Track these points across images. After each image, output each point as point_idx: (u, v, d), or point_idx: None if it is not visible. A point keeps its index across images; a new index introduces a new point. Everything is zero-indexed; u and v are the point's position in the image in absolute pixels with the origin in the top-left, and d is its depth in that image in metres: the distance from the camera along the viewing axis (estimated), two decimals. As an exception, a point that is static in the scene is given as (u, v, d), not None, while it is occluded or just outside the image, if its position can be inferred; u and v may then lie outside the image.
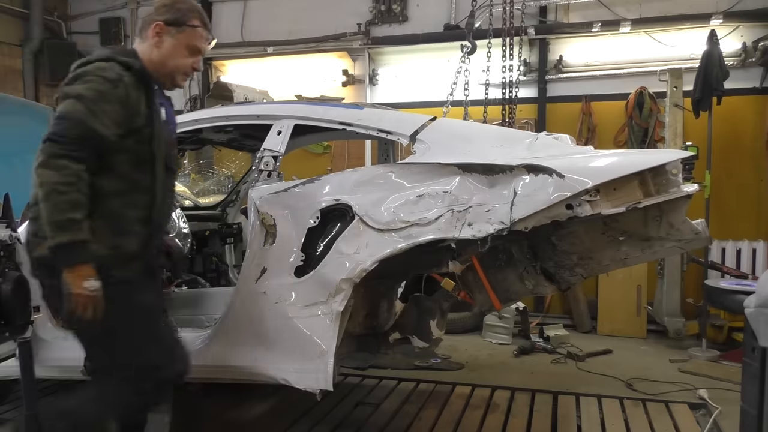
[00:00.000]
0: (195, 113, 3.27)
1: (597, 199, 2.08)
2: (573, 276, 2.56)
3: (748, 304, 1.40)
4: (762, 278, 1.42)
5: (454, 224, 2.31)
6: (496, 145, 2.52)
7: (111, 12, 8.06)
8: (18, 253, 2.90)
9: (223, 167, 6.85)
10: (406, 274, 2.80)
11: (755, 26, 5.67)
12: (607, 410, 3.59)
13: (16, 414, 3.52)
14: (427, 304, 2.79)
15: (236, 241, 4.57)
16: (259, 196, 2.68)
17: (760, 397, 1.37)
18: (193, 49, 2.25)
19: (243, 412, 3.59)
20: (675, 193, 2.14)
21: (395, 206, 2.43)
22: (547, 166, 2.16)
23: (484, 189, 2.33)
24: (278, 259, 2.59)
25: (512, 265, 2.57)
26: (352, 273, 2.41)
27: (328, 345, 2.45)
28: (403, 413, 3.56)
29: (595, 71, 6.16)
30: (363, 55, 6.87)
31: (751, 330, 1.41)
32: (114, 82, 2.07)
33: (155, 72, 2.22)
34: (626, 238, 2.33)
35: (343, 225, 2.48)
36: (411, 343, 2.87)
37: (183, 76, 2.30)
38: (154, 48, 2.22)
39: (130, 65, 2.13)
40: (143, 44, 2.24)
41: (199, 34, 2.26)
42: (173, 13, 2.22)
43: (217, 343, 2.73)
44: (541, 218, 2.17)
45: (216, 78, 7.52)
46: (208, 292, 3.89)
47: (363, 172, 2.62)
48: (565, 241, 2.44)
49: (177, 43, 2.22)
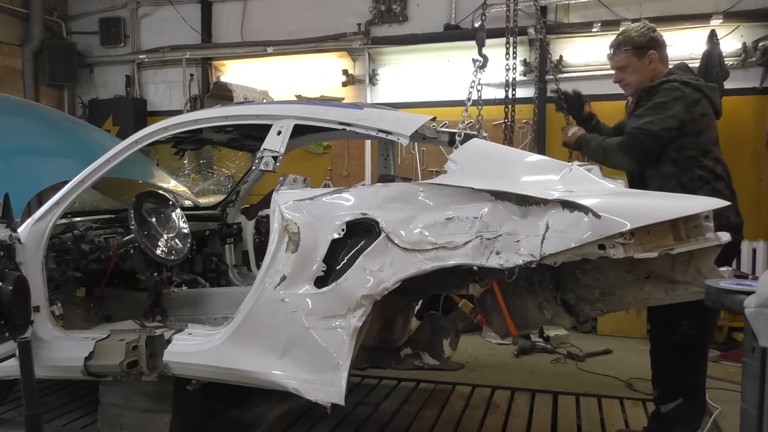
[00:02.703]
0: (195, 113, 3.27)
1: (631, 242, 2.03)
2: (593, 310, 2.51)
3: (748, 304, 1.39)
4: (762, 278, 1.42)
5: (482, 251, 2.27)
6: (530, 172, 2.48)
7: (111, 12, 8.07)
8: (18, 253, 2.90)
9: (223, 167, 6.85)
10: (425, 292, 2.75)
11: (755, 26, 5.67)
12: (607, 410, 3.59)
13: (16, 414, 3.52)
14: (443, 323, 2.76)
15: (236, 241, 4.57)
16: (285, 201, 2.64)
17: (760, 397, 1.37)
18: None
19: (243, 412, 3.59)
20: (707, 242, 2.10)
21: (423, 226, 2.39)
22: (584, 204, 2.11)
23: (515, 219, 2.28)
24: (299, 267, 2.55)
25: (532, 293, 2.52)
26: (373, 290, 2.38)
27: (344, 359, 2.42)
28: (403, 413, 3.56)
29: (595, 71, 6.16)
30: (363, 55, 6.87)
31: (751, 330, 1.40)
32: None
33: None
34: (651, 279, 2.30)
35: (369, 240, 2.44)
36: (422, 359, 2.83)
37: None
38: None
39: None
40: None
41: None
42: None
43: (228, 345, 2.70)
44: (572, 255, 2.13)
45: (216, 78, 7.52)
46: (208, 292, 3.89)
47: (392, 188, 2.58)
48: (589, 275, 2.41)
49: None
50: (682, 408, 2.88)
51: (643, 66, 2.97)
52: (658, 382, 3.01)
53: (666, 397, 2.94)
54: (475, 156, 2.62)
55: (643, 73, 2.97)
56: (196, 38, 7.61)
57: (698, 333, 2.82)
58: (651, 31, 2.98)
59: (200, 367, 2.78)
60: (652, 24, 3.06)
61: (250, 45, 7.29)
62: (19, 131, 4.66)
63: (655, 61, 2.95)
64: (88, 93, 8.18)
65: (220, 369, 2.73)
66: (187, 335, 2.88)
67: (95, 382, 3.08)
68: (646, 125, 2.78)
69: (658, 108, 2.79)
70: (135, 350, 2.80)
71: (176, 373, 2.84)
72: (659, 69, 2.97)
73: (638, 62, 2.97)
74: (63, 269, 3.32)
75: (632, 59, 2.98)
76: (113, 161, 3.10)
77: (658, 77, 2.93)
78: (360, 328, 2.41)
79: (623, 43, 3.00)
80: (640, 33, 2.97)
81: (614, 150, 2.87)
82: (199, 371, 2.81)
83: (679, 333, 2.78)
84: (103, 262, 3.50)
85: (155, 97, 7.97)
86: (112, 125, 7.58)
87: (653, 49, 2.95)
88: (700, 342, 2.88)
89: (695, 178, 2.79)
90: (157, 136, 3.14)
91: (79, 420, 3.51)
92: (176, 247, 3.62)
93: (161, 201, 3.74)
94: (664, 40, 3.02)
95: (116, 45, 8.04)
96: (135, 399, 3.03)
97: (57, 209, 3.07)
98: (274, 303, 2.58)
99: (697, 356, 2.91)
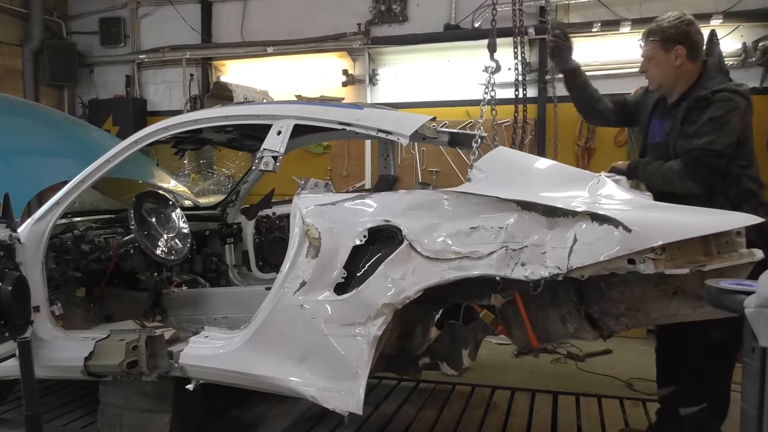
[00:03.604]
0: (195, 113, 3.27)
1: (662, 258, 1.98)
2: (618, 325, 2.47)
3: (748, 304, 1.39)
4: (762, 278, 1.42)
5: (506, 262, 2.23)
6: (557, 183, 2.44)
7: (111, 12, 8.06)
8: (18, 253, 2.90)
9: (223, 167, 6.85)
10: (446, 301, 2.71)
11: (755, 26, 5.67)
12: (607, 410, 3.59)
13: (16, 414, 3.52)
14: (463, 333, 2.71)
15: (236, 241, 4.57)
16: (306, 205, 2.59)
17: (760, 397, 1.37)
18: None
19: (243, 412, 3.59)
20: (740, 258, 2.06)
21: (447, 235, 2.35)
22: (614, 218, 2.06)
23: (542, 230, 2.23)
24: (319, 273, 2.51)
25: (556, 305, 2.48)
26: (395, 299, 2.35)
27: (363, 368, 2.39)
28: (403, 413, 3.56)
29: (595, 71, 6.15)
30: (363, 55, 6.87)
31: (751, 330, 1.40)
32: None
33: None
34: (679, 295, 2.26)
35: (391, 248, 2.40)
36: (439, 369, 2.78)
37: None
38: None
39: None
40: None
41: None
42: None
43: (246, 350, 2.67)
44: (600, 269, 2.09)
45: (216, 78, 7.52)
46: (208, 292, 3.89)
47: (416, 195, 2.54)
48: (615, 289, 2.37)
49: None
50: (704, 413, 2.73)
51: (668, 61, 2.71)
52: (672, 382, 2.89)
53: (689, 400, 2.78)
54: (500, 164, 2.58)
55: (667, 69, 2.73)
56: (196, 38, 7.61)
57: (731, 336, 2.71)
58: (685, 24, 2.70)
59: (217, 371, 2.75)
60: (690, 17, 2.74)
61: (250, 45, 7.29)
62: (19, 131, 4.66)
63: (681, 57, 2.69)
64: (88, 93, 8.18)
65: (236, 373, 2.70)
66: (203, 338, 2.85)
67: (95, 382, 3.08)
68: (709, 145, 2.55)
69: (715, 123, 2.57)
70: (135, 350, 2.80)
71: (192, 376, 2.82)
72: (688, 68, 2.72)
73: (663, 56, 2.71)
74: (63, 269, 3.32)
75: (658, 51, 2.72)
76: (113, 161, 3.10)
77: (688, 77, 2.73)
78: (380, 336, 2.38)
79: (652, 31, 2.75)
80: (672, 24, 2.70)
81: (677, 176, 2.63)
82: (215, 375, 2.78)
83: (713, 335, 2.59)
84: (103, 262, 3.50)
85: (155, 97, 7.97)
86: (112, 125, 7.58)
87: (681, 44, 2.68)
88: (732, 346, 2.65)
89: (743, 191, 2.63)
90: (157, 136, 3.14)
91: (79, 420, 3.51)
92: (176, 247, 3.62)
93: (161, 201, 3.74)
94: (701, 36, 2.75)
95: (116, 45, 8.04)
96: (135, 399, 3.03)
97: (57, 209, 3.07)
98: (293, 309, 2.54)
99: (728, 360, 2.75)
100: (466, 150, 3.39)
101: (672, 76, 2.74)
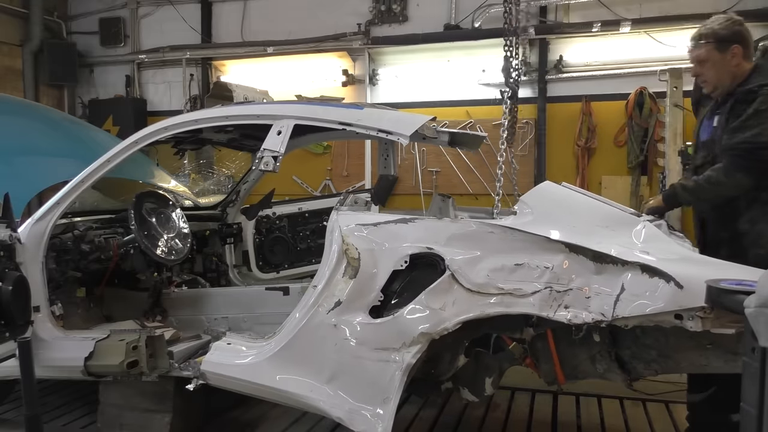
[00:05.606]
0: (195, 113, 3.27)
1: (710, 316, 1.98)
2: (647, 369, 2.46)
3: (748, 304, 1.39)
4: (762, 278, 1.42)
5: (549, 303, 2.23)
6: (603, 225, 2.41)
7: (111, 12, 8.07)
8: (18, 253, 2.90)
9: (223, 167, 6.86)
10: (477, 330, 2.67)
11: (755, 26, 5.66)
12: (607, 410, 3.59)
13: (16, 414, 3.52)
14: (489, 361, 2.67)
15: (236, 241, 4.57)
16: (346, 224, 2.55)
17: (760, 397, 1.36)
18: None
19: (243, 412, 3.59)
20: None
21: (491, 269, 2.33)
22: (665, 271, 2.06)
23: (589, 275, 2.22)
24: (356, 295, 2.47)
25: (587, 344, 2.44)
26: (433, 329, 2.32)
27: (394, 394, 2.36)
28: (403, 413, 3.56)
29: (595, 71, 6.16)
30: (363, 55, 6.88)
31: (751, 330, 1.40)
32: None
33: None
34: (713, 348, 2.25)
35: (432, 276, 2.37)
36: (460, 393, 2.75)
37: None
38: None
39: None
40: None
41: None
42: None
43: (272, 363, 2.62)
44: (645, 321, 2.09)
45: (216, 78, 7.53)
46: (208, 292, 3.89)
47: (461, 225, 2.50)
48: (650, 335, 2.36)
49: None
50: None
51: (724, 61, 2.74)
52: (704, 388, 2.79)
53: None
54: (546, 201, 2.56)
55: (723, 70, 2.75)
56: (196, 38, 7.61)
57: None
58: (737, 25, 2.76)
59: (239, 381, 2.70)
60: (739, 17, 2.84)
61: (250, 45, 7.30)
62: (19, 131, 4.66)
63: (737, 56, 2.72)
64: (88, 93, 8.19)
65: (261, 386, 2.66)
66: (225, 344, 2.79)
67: (95, 382, 3.08)
68: (755, 138, 2.54)
69: (762, 116, 2.57)
70: (135, 350, 2.79)
71: (212, 383, 2.77)
72: (742, 66, 2.74)
73: (719, 57, 2.74)
74: (63, 269, 3.31)
75: (713, 53, 2.75)
76: (113, 161, 3.10)
77: (741, 75, 2.74)
78: (413, 364, 2.36)
79: (705, 35, 2.78)
80: (724, 25, 2.75)
81: (723, 175, 2.62)
82: (237, 385, 2.73)
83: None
84: (103, 262, 3.50)
85: (155, 97, 7.97)
86: (112, 125, 7.59)
87: (737, 43, 2.72)
88: None
89: None
90: (157, 136, 3.14)
91: (79, 420, 3.51)
92: (176, 247, 3.62)
93: (161, 201, 3.73)
94: (750, 35, 2.82)
95: (116, 45, 8.05)
96: (135, 399, 3.03)
97: (57, 209, 3.06)
98: (325, 328, 2.51)
99: None
100: (466, 150, 3.39)
101: (729, 76, 2.75)
